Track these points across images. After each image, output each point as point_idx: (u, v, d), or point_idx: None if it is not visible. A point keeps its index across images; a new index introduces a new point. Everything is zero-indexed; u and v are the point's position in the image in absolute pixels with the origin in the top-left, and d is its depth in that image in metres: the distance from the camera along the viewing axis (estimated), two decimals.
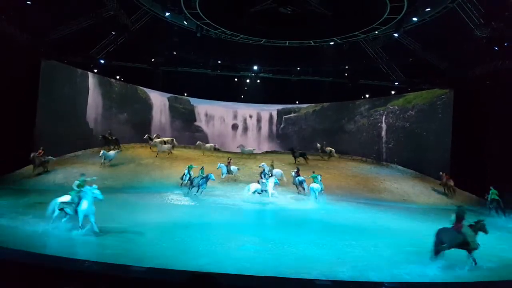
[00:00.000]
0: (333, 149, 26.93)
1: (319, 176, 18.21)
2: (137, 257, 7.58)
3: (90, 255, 7.20)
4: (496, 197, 16.60)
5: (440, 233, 8.87)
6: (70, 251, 7.43)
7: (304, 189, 18.66)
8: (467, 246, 8.62)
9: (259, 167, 20.39)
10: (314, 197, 17.34)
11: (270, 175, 19.27)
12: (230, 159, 21.74)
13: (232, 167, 20.97)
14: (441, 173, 21.27)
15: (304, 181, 18.78)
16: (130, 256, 7.68)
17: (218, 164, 20.43)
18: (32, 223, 10.25)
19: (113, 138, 24.25)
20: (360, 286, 6.18)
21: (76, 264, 5.45)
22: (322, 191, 17.70)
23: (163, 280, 5.11)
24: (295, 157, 24.98)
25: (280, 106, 32.19)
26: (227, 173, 20.52)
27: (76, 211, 9.77)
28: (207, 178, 17.49)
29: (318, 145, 27.13)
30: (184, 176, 19.01)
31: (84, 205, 9.67)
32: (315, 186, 17.49)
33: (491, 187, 17.11)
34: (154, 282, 5.02)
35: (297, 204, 17.07)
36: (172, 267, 6.30)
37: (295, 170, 20.14)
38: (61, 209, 9.98)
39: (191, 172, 18.87)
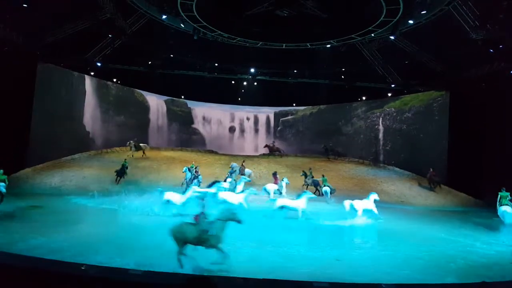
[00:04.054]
0: (147, 145, 26.21)
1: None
2: (134, 260, 7.54)
3: (86, 258, 7.16)
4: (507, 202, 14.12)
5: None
6: (64, 255, 7.38)
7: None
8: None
9: (230, 167, 20.38)
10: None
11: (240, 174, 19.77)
12: (244, 161, 22.31)
13: (247, 170, 21.18)
14: (431, 169, 21.80)
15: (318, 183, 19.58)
16: (127, 259, 7.64)
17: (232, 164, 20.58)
18: (28, 227, 10.19)
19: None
20: (357, 287, 6.16)
21: (73, 268, 5.42)
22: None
23: (160, 283, 5.09)
24: (136, 149, 24.78)
25: (277, 109, 32.28)
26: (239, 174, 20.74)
27: None
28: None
29: (131, 142, 25.16)
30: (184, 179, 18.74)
31: None
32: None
33: (502, 189, 14.51)
34: (151, 285, 4.99)
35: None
36: (169, 271, 6.27)
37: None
38: None
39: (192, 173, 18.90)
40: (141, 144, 25.13)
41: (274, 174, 20.01)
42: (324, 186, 18.94)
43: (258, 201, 16.57)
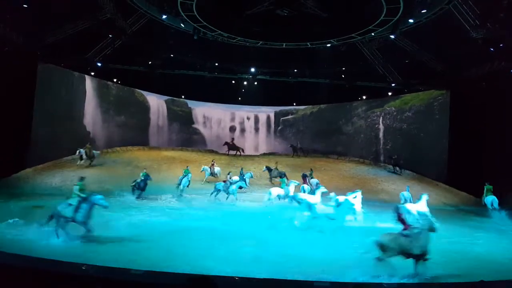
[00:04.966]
0: (99, 152, 22.99)
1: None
2: (135, 260, 7.55)
3: (87, 259, 7.17)
4: (491, 193, 16.64)
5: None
6: (66, 255, 7.38)
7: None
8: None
9: (201, 171, 20.93)
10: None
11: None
12: (214, 161, 22.43)
13: (216, 169, 21.37)
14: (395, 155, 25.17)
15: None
16: (127, 259, 7.65)
17: (202, 167, 20.75)
18: (29, 228, 10.19)
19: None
20: (359, 287, 6.16)
21: (74, 268, 5.43)
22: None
23: (161, 283, 5.10)
24: (87, 158, 22.07)
25: (277, 108, 32.24)
26: (210, 175, 21.19)
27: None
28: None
29: (82, 150, 21.69)
30: (184, 181, 18.51)
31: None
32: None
33: (486, 183, 17.11)
34: (152, 285, 5.01)
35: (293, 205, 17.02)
36: (169, 270, 6.28)
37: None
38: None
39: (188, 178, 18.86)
40: (93, 151, 22.11)
41: (304, 176, 20.01)
42: (312, 178, 19.11)
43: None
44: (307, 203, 13.31)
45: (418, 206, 13.73)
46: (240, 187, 18.10)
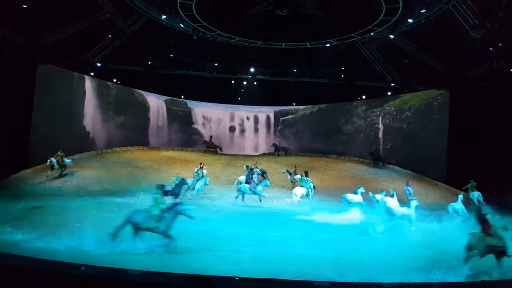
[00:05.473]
0: (70, 160, 20.46)
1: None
2: (134, 260, 7.55)
3: (87, 260, 7.17)
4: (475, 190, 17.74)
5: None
6: (67, 256, 7.39)
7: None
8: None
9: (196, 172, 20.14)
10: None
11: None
12: (202, 164, 21.85)
13: (204, 172, 21.10)
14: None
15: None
16: (127, 259, 7.66)
17: (196, 170, 20.52)
18: (30, 227, 10.19)
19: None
20: (358, 287, 6.16)
21: (73, 268, 5.43)
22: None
23: (160, 283, 5.10)
24: (59, 167, 19.82)
25: (277, 108, 32.26)
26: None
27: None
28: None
29: (53, 159, 19.26)
30: (199, 184, 17.65)
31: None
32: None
33: (471, 181, 18.20)
34: (151, 285, 5.00)
35: (292, 205, 17.04)
36: (168, 270, 6.28)
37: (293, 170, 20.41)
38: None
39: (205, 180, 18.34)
40: (65, 159, 19.84)
41: (306, 174, 19.54)
42: (296, 174, 19.33)
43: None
44: (387, 207, 13.09)
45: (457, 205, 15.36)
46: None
